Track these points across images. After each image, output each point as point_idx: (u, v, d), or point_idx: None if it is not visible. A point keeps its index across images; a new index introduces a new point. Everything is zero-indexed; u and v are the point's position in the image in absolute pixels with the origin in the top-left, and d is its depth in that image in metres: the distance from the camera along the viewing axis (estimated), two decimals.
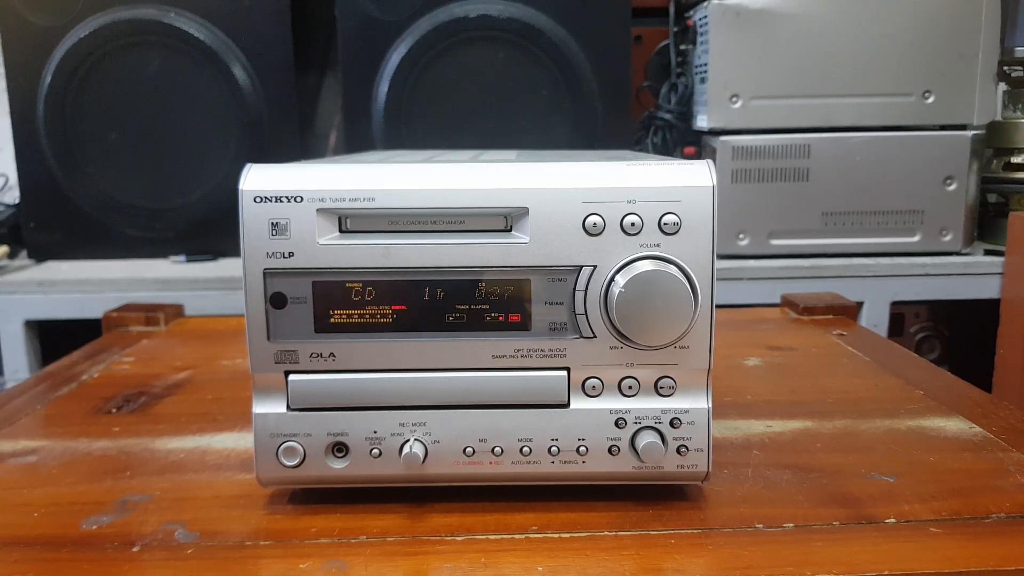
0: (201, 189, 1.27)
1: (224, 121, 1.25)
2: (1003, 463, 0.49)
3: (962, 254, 1.24)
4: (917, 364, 0.70)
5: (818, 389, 0.63)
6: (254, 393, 0.43)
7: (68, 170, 1.25)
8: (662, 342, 0.41)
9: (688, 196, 0.41)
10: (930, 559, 0.38)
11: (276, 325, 0.42)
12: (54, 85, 1.23)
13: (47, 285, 1.18)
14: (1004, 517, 0.42)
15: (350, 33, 1.23)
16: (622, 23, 1.25)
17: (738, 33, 1.19)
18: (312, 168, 0.42)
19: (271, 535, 0.42)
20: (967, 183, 1.22)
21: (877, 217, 1.23)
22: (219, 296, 1.17)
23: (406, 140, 1.23)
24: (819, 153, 1.21)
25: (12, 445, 0.54)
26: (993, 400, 0.60)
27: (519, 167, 0.42)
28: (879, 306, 1.23)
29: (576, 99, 1.24)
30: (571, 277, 0.41)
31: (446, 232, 0.41)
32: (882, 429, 0.55)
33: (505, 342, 0.42)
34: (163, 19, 1.22)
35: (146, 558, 0.40)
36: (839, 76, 1.20)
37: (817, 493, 0.46)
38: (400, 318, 0.42)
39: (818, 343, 0.76)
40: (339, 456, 0.43)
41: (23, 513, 0.45)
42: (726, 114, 1.21)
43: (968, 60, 1.20)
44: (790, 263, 1.22)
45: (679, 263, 0.41)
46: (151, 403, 0.62)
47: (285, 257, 0.41)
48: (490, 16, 1.21)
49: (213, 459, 0.51)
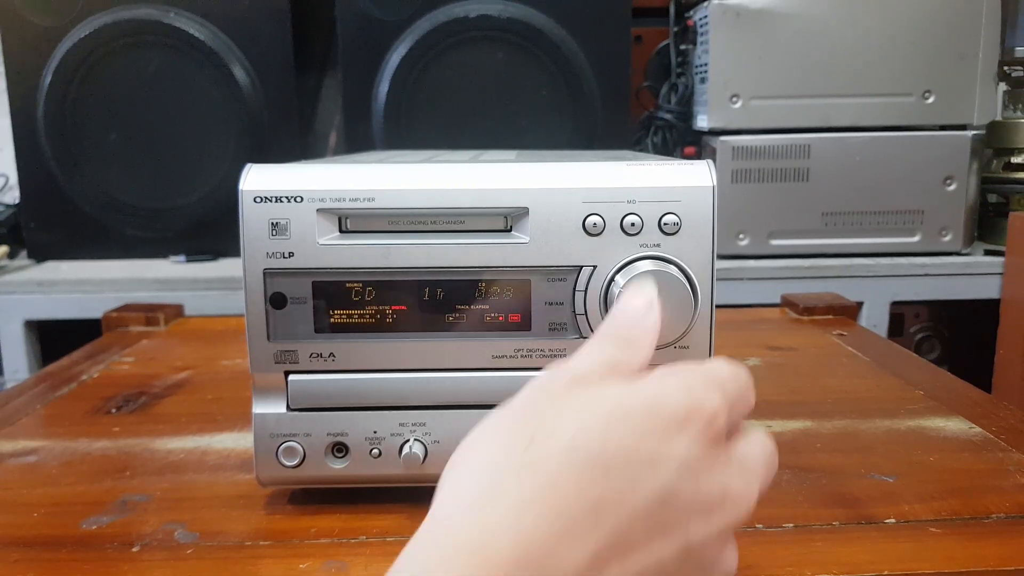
0: (201, 189, 1.27)
1: (224, 121, 1.25)
2: (1003, 463, 0.49)
3: (962, 254, 1.24)
4: (917, 364, 0.70)
5: (818, 389, 0.63)
6: (254, 393, 0.43)
7: (68, 170, 1.25)
8: (662, 342, 0.41)
9: (688, 196, 0.41)
10: (930, 559, 0.38)
11: (276, 325, 0.42)
12: (54, 85, 1.23)
13: (47, 285, 1.18)
14: (1004, 517, 0.42)
15: (350, 33, 1.23)
16: (622, 23, 1.25)
17: (738, 33, 1.19)
18: (312, 168, 0.42)
19: (271, 535, 0.42)
20: (967, 183, 1.22)
21: (877, 217, 1.23)
22: (219, 296, 1.17)
23: (406, 140, 1.23)
24: (819, 153, 1.21)
25: (12, 445, 0.54)
26: (993, 400, 0.60)
27: (519, 167, 0.42)
28: (879, 306, 1.23)
29: (576, 99, 1.24)
30: (571, 277, 0.41)
31: (446, 232, 0.41)
32: (882, 429, 0.55)
33: (505, 342, 0.42)
34: (163, 19, 1.22)
35: (146, 558, 0.40)
36: (839, 76, 1.20)
37: (817, 493, 0.46)
38: (400, 318, 0.42)
39: (818, 343, 0.76)
40: (339, 456, 0.43)
41: (23, 513, 0.45)
42: (726, 114, 1.21)
43: (968, 60, 1.20)
44: (790, 263, 1.22)
45: (679, 263, 0.41)
46: (151, 403, 0.62)
47: (285, 257, 0.41)
48: (490, 16, 1.21)
49: (213, 459, 0.51)
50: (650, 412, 0.29)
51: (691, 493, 0.28)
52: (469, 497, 0.27)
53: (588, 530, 0.26)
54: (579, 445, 0.28)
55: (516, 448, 0.28)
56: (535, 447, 0.28)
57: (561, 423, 0.28)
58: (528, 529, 0.26)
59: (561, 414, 0.29)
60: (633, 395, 0.29)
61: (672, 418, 0.29)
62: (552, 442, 0.28)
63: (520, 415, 0.30)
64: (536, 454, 0.28)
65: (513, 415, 0.30)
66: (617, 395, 0.29)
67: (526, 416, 0.30)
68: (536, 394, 0.31)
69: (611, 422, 0.28)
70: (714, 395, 0.30)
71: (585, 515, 0.27)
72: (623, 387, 0.30)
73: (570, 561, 0.26)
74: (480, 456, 0.29)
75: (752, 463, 0.31)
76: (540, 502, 0.26)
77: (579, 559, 0.26)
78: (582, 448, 0.28)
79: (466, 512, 0.27)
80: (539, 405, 0.30)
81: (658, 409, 0.29)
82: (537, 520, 0.26)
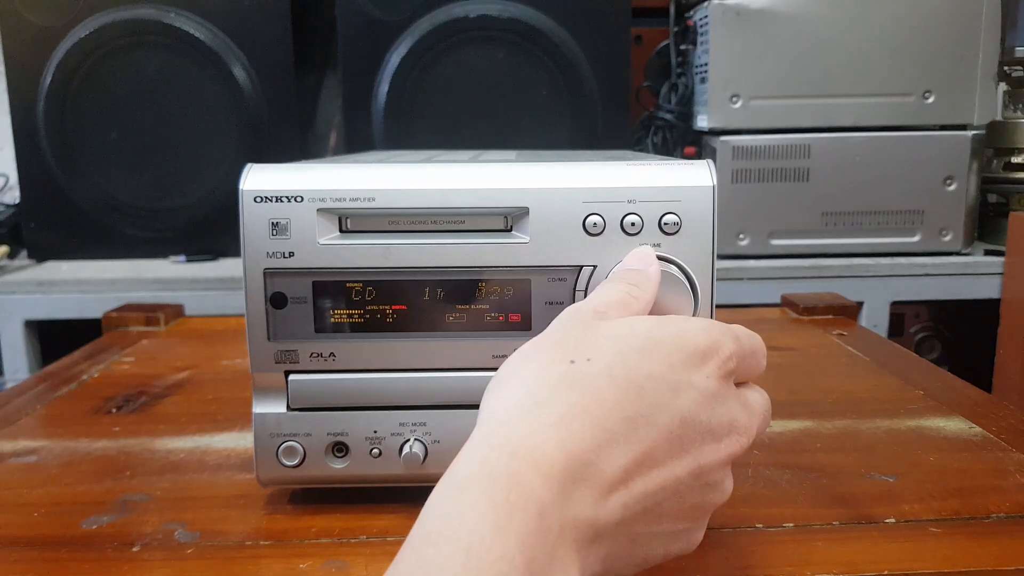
0: (201, 189, 1.27)
1: (224, 121, 1.25)
2: (1003, 463, 0.49)
3: (962, 254, 1.24)
4: (917, 364, 0.70)
5: (818, 389, 0.63)
6: (254, 393, 0.43)
7: (68, 170, 1.25)
8: None
9: (688, 196, 0.41)
10: (930, 559, 0.38)
11: (276, 325, 0.42)
12: (54, 85, 1.23)
13: (47, 285, 1.18)
14: (1004, 517, 0.42)
15: (350, 33, 1.23)
16: (622, 23, 1.25)
17: (738, 33, 1.19)
18: (312, 168, 0.42)
19: (271, 535, 0.42)
20: (967, 183, 1.22)
21: (877, 217, 1.23)
22: (219, 296, 1.17)
23: (406, 140, 1.23)
24: (819, 153, 1.21)
25: (12, 445, 0.54)
26: (993, 400, 0.60)
27: (519, 167, 0.42)
28: (879, 306, 1.23)
29: (576, 99, 1.24)
30: (571, 277, 0.41)
31: (446, 232, 0.41)
32: (882, 429, 0.55)
33: (505, 342, 0.42)
34: (163, 19, 1.22)
35: (146, 558, 0.40)
36: (839, 76, 1.20)
37: (817, 493, 0.46)
38: (400, 318, 0.42)
39: (818, 343, 0.76)
40: (339, 456, 0.43)
41: (23, 513, 0.44)
42: (726, 114, 1.21)
43: (968, 60, 1.20)
44: (790, 263, 1.22)
45: (679, 263, 0.41)
46: (151, 403, 0.62)
47: (285, 257, 0.41)
48: (490, 16, 1.21)
49: (213, 459, 0.51)
50: (676, 344, 0.33)
51: (706, 419, 0.32)
52: (520, 405, 0.31)
53: (623, 442, 0.30)
54: (617, 366, 0.31)
55: (559, 366, 0.32)
56: (578, 366, 0.32)
57: (600, 347, 0.32)
58: (575, 436, 0.29)
59: (598, 339, 0.33)
60: (663, 328, 0.33)
61: (695, 352, 0.33)
62: (593, 363, 0.32)
63: (559, 340, 0.33)
64: (580, 371, 0.31)
65: (551, 341, 0.34)
66: (648, 327, 0.33)
67: (564, 341, 0.33)
68: (568, 323, 0.34)
69: (644, 349, 0.32)
70: (730, 339, 0.34)
71: (622, 429, 0.30)
72: (653, 321, 0.34)
73: (608, 469, 0.29)
74: (526, 372, 0.32)
75: (755, 406, 0.35)
76: (584, 413, 0.30)
77: (615, 467, 0.30)
78: (620, 369, 0.31)
79: (518, 418, 0.30)
80: (574, 332, 0.34)
81: (683, 342, 0.33)
82: (582, 429, 0.29)
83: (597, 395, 0.30)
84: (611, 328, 0.33)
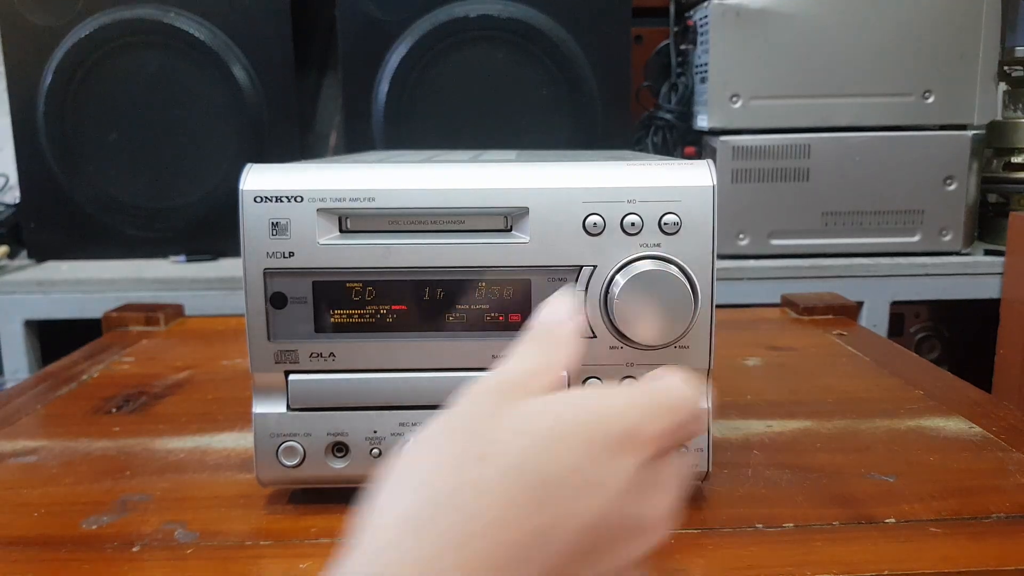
0: (201, 189, 1.27)
1: (224, 121, 1.25)
2: (1003, 463, 0.49)
3: (962, 254, 1.24)
4: (917, 364, 0.70)
5: (818, 389, 0.63)
6: (254, 393, 0.43)
7: (68, 170, 1.25)
8: (662, 342, 0.41)
9: (688, 196, 0.41)
10: (930, 559, 0.38)
11: (276, 325, 0.42)
12: (54, 85, 1.23)
13: (47, 285, 1.18)
14: (1004, 517, 0.42)
15: (350, 33, 1.23)
16: (622, 23, 1.25)
17: (738, 33, 1.19)
18: (312, 168, 0.42)
19: (271, 535, 0.42)
20: (967, 183, 1.22)
21: (877, 217, 1.23)
22: (219, 296, 1.17)
23: (406, 140, 1.23)
24: (819, 153, 1.21)
25: (12, 445, 0.54)
26: (993, 400, 0.60)
27: (519, 167, 0.42)
28: (879, 306, 1.23)
29: (576, 99, 1.24)
30: (571, 277, 0.41)
31: (446, 232, 0.41)
32: (882, 429, 0.55)
33: (505, 342, 0.42)
34: (163, 19, 1.22)
35: (146, 558, 0.40)
36: (839, 76, 1.20)
37: (817, 493, 0.46)
38: (400, 318, 0.42)
39: (818, 343, 0.76)
40: (339, 456, 0.43)
41: (23, 513, 0.45)
42: (726, 114, 1.21)
43: (968, 60, 1.20)
44: (790, 263, 1.22)
45: (679, 263, 0.41)
46: (151, 403, 0.62)
47: (285, 257, 0.41)
48: (490, 16, 1.21)
49: (213, 459, 0.51)
50: (589, 435, 0.28)
51: (617, 519, 0.28)
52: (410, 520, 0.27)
53: (528, 561, 0.26)
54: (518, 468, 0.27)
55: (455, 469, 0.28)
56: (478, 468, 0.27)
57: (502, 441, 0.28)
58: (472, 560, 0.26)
59: (501, 432, 0.28)
60: (575, 413, 0.29)
61: (610, 441, 0.29)
62: (494, 463, 0.27)
63: (458, 430, 0.29)
64: (480, 476, 0.27)
65: (450, 430, 0.29)
66: (557, 414, 0.29)
67: (464, 432, 0.29)
68: (469, 409, 0.30)
69: (551, 443, 0.28)
70: (656, 422, 0.30)
71: (528, 545, 0.26)
72: (563, 404, 0.30)
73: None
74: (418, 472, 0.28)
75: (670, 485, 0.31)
76: (482, 537, 0.26)
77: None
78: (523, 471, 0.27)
79: (408, 536, 0.26)
80: (475, 421, 0.29)
81: (597, 431, 0.29)
82: (481, 553, 0.26)
83: (498, 506, 0.27)
84: (515, 417, 0.29)
